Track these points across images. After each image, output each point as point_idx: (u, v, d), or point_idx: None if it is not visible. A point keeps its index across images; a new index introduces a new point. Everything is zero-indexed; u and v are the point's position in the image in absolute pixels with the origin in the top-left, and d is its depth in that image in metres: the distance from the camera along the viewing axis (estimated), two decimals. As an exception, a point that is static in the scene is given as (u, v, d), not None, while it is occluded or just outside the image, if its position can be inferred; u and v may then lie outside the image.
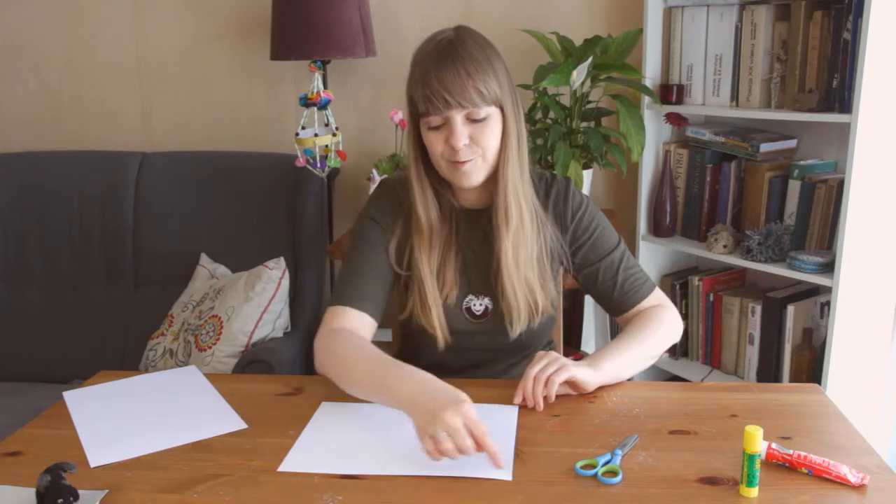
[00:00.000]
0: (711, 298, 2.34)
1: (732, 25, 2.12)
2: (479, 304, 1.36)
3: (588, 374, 1.20)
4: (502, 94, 1.24)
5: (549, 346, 1.50)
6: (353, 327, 1.28)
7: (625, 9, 2.41)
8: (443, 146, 1.24)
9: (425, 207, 1.31)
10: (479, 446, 0.99)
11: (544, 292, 1.33)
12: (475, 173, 1.26)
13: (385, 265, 1.34)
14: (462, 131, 1.22)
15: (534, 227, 1.31)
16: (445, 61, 1.20)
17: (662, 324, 1.34)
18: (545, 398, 1.18)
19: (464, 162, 1.24)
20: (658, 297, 1.38)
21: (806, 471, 0.98)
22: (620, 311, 1.38)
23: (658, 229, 2.36)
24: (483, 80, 1.20)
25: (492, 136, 1.24)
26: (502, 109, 1.25)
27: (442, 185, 1.33)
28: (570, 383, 1.20)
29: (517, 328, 1.33)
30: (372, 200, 1.40)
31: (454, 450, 0.98)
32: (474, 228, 1.35)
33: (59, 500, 0.91)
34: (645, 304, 1.37)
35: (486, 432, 0.99)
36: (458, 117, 1.21)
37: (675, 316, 1.37)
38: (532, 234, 1.31)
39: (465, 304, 1.36)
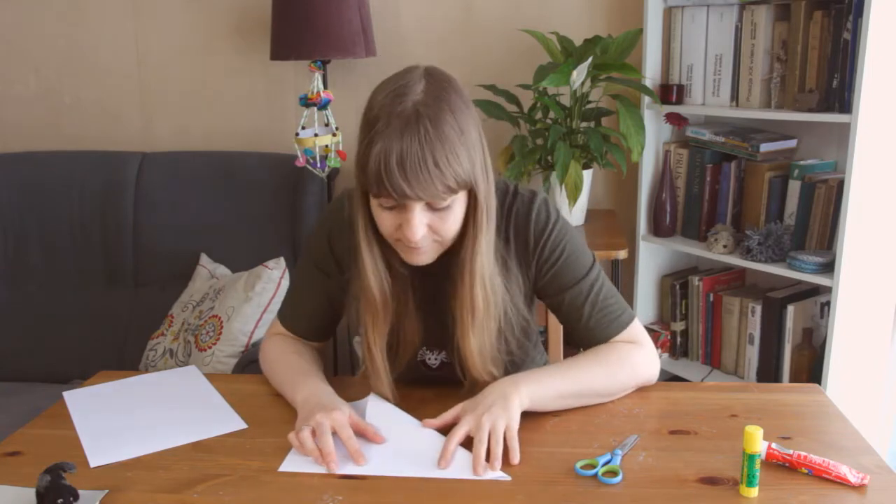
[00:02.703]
0: (711, 298, 2.34)
1: (732, 25, 2.12)
2: (434, 359, 1.27)
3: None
4: (475, 171, 1.04)
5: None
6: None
7: (625, 9, 2.41)
8: (394, 230, 1.07)
9: (377, 279, 1.13)
10: (354, 451, 1.04)
11: (502, 356, 1.20)
12: (428, 254, 1.10)
13: (328, 289, 1.26)
14: (420, 222, 1.03)
15: (495, 312, 1.15)
16: (411, 142, 0.98)
17: (621, 362, 1.19)
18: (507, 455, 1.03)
19: (417, 247, 1.08)
20: (633, 334, 1.21)
21: (806, 471, 0.98)
22: (590, 347, 1.23)
23: (658, 229, 2.36)
24: (454, 170, 1.00)
25: (454, 223, 1.07)
26: (473, 188, 1.06)
27: (391, 252, 1.15)
28: None
29: (470, 382, 1.20)
30: (325, 220, 1.26)
31: (312, 442, 1.04)
32: (427, 287, 1.19)
33: (59, 500, 0.91)
34: (617, 340, 1.21)
35: (351, 436, 1.06)
36: (417, 206, 1.02)
37: (646, 356, 1.21)
38: (496, 312, 1.15)
39: (419, 356, 1.27)
